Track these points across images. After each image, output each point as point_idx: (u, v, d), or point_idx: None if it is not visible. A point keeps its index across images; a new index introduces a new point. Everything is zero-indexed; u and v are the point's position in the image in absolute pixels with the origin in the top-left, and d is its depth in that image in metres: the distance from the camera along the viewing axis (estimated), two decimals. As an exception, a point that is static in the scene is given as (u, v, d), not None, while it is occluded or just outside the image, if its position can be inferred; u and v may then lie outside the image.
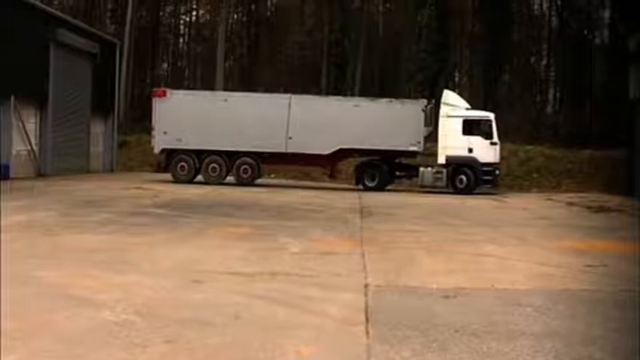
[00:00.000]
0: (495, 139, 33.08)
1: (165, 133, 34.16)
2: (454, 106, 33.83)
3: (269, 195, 28.32)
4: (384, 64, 66.39)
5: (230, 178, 34.44)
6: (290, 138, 33.58)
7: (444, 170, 33.30)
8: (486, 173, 33.06)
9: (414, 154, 34.22)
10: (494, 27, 55.92)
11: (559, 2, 68.59)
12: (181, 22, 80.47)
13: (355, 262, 12.64)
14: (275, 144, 33.63)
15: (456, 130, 33.24)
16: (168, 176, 34.23)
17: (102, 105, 42.23)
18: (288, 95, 36.41)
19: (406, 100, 37.67)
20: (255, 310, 8.83)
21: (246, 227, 17.41)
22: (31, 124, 34.59)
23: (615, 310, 9.61)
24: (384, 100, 36.10)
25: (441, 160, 33.55)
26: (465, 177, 33.18)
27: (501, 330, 8.18)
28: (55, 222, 16.96)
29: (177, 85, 73.59)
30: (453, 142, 33.24)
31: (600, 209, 25.53)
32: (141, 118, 59.40)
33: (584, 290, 10.83)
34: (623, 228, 20.33)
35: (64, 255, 12.41)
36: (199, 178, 34.29)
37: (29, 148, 34.13)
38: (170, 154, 34.58)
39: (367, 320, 8.44)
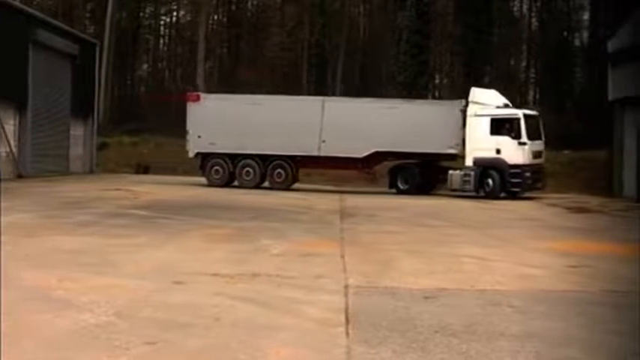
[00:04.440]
0: (524, 138, 30.52)
1: (199, 137, 33.91)
2: (484, 105, 31.86)
3: (252, 197, 28.26)
4: (364, 66, 66.49)
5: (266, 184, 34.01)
6: (323, 141, 33.04)
7: (472, 173, 31.35)
8: (514, 176, 30.61)
9: (452, 156, 32.87)
10: (474, 29, 56.07)
11: (539, 4, 68.97)
12: (162, 22, 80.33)
13: (336, 263, 12.64)
14: (308, 147, 33.15)
15: (484, 129, 31.34)
16: (149, 178, 34.07)
17: (82, 106, 42.04)
18: (321, 98, 36.16)
19: (443, 100, 36.75)
20: (235, 312, 8.82)
21: (227, 228, 17.39)
22: (10, 125, 34.35)
23: (597, 311, 9.65)
24: (420, 101, 35.76)
25: (469, 162, 31.74)
26: (492, 180, 31.15)
27: (481, 331, 8.20)
28: (36, 223, 16.87)
29: (158, 86, 73.67)
30: (480, 142, 31.40)
31: (580, 210, 25.66)
32: (121, 120, 59.38)
33: (565, 291, 10.86)
34: (604, 228, 20.43)
35: (45, 257, 12.35)
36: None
37: (8, 149, 33.93)
38: (204, 158, 34.35)
39: (347, 321, 8.44)
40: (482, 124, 31.36)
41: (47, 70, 37.48)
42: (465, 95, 33.80)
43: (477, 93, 32.82)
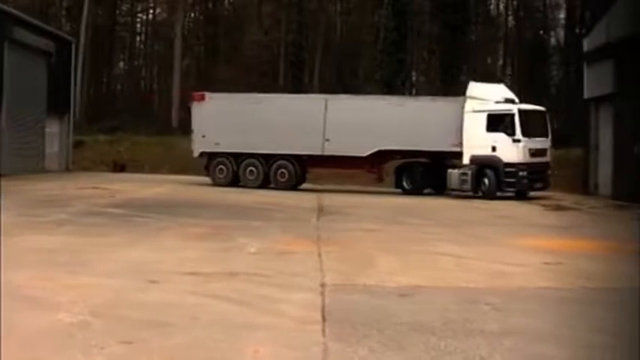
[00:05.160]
0: (519, 135, 28.94)
1: (203, 136, 33.45)
2: (482, 100, 30.25)
3: (229, 195, 28.19)
4: (341, 64, 66.52)
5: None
6: (327, 140, 32.16)
7: (469, 172, 29.88)
8: (508, 175, 29.11)
9: (458, 154, 30.91)
10: (451, 27, 56.22)
11: (515, 3, 69.25)
12: (138, 20, 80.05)
13: (312, 261, 12.64)
14: (312, 146, 32.26)
15: (481, 126, 29.82)
16: (125, 176, 33.89)
17: (58, 104, 41.77)
18: (325, 95, 35.38)
19: (449, 97, 34.39)
20: (212, 311, 8.79)
21: (203, 227, 17.34)
22: (-15, 123, 34.12)
23: (572, 307, 9.71)
24: (426, 97, 34.70)
25: (466, 160, 30.27)
26: (487, 179, 29.63)
27: (459, 328, 8.22)
28: (10, 222, 16.74)
29: (134, 84, 73.37)
30: (477, 140, 29.86)
31: (557, 208, 25.78)
32: (97, 118, 59.13)
33: (541, 288, 10.92)
34: (578, 226, 20.55)
35: (20, 256, 12.25)
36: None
37: (-16, 147, 33.67)
38: (209, 157, 33.88)
39: (324, 319, 8.44)
40: (479, 121, 30.02)
41: (23, 68, 37.21)
42: (443, 94, 33.48)
43: (474, 88, 31.74)
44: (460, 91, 34.14)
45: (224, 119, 33.12)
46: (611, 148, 30.95)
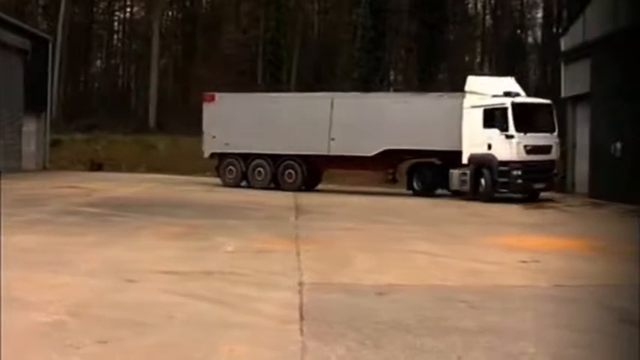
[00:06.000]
0: (512, 130, 26.84)
1: (213, 137, 32.96)
2: (482, 95, 28.35)
3: (206, 194, 28.14)
4: (319, 62, 66.57)
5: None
6: (332, 139, 31.10)
7: (468, 172, 28.06)
8: (502, 174, 27.02)
9: None
10: (428, 25, 56.38)
11: (493, 2, 69.56)
12: (115, 18, 79.78)
13: (290, 260, 12.63)
14: (318, 146, 31.25)
15: (478, 123, 27.97)
16: (102, 175, 33.72)
17: (34, 103, 41.53)
18: (331, 94, 34.51)
19: (457, 93, 31.28)
20: (188, 310, 8.78)
21: (181, 226, 17.30)
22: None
23: (548, 305, 9.75)
24: (433, 94, 33.00)
25: (465, 159, 28.39)
26: (484, 180, 27.57)
27: (435, 326, 8.24)
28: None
29: (111, 83, 73.08)
30: (475, 137, 28.05)
31: (534, 206, 25.84)
32: (74, 117, 58.88)
33: (517, 286, 10.97)
34: (555, 224, 20.64)
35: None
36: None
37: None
38: (220, 158, 33.39)
39: (302, 318, 8.44)
40: (476, 117, 28.16)
41: (-1, 67, 36.99)
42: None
43: (473, 82, 30.04)
44: (437, 89, 34.00)
45: (233, 119, 32.66)
46: (588, 147, 31.11)
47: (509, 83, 29.78)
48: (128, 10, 79.23)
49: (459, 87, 31.67)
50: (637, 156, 26.03)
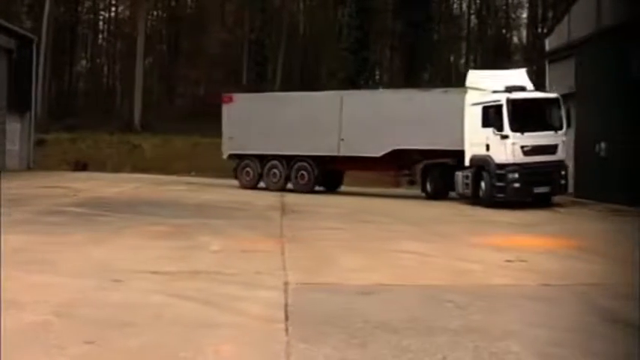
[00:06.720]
0: (507, 130, 24.53)
1: (231, 138, 32.80)
2: (484, 91, 26.14)
3: (198, 194, 28.08)
4: (304, 62, 66.59)
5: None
6: (342, 140, 30.29)
7: (469, 174, 26.09)
8: (499, 178, 24.64)
9: None
10: (414, 25, 56.45)
11: (478, 2, 69.71)
12: (100, 18, 79.58)
13: (276, 259, 12.63)
14: (329, 147, 30.54)
15: (477, 121, 25.81)
16: (87, 175, 33.58)
17: (19, 102, 41.35)
18: (340, 92, 34.10)
19: (463, 88, 28.52)
20: (175, 310, 8.76)
21: (166, 226, 17.26)
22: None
23: (534, 305, 9.78)
24: (439, 90, 31.00)
25: (467, 160, 26.51)
26: (484, 183, 25.34)
27: (421, 326, 8.25)
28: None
29: (97, 82, 72.81)
30: (475, 137, 26.03)
31: (520, 206, 25.85)
32: (59, 116, 58.71)
33: (503, 285, 10.99)
34: (540, 223, 20.68)
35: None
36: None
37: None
38: (238, 159, 33.13)
39: (287, 318, 8.43)
40: (476, 115, 26.00)
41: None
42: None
43: (474, 76, 28.13)
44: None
45: (249, 120, 32.34)
46: (572, 147, 31.18)
47: (517, 77, 27.19)
48: (113, 9, 79.05)
49: (444, 86, 31.51)
50: (622, 156, 26.13)
